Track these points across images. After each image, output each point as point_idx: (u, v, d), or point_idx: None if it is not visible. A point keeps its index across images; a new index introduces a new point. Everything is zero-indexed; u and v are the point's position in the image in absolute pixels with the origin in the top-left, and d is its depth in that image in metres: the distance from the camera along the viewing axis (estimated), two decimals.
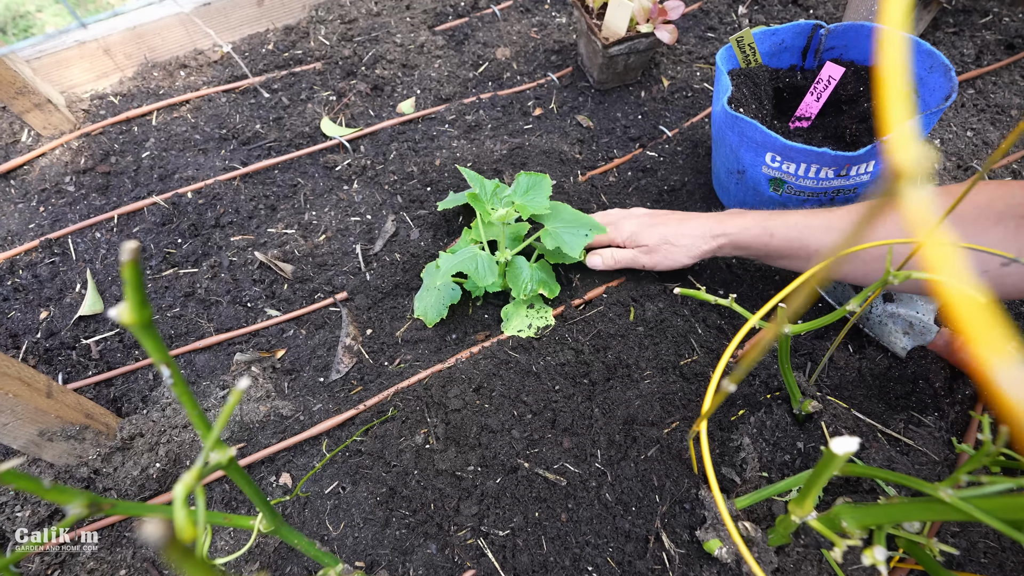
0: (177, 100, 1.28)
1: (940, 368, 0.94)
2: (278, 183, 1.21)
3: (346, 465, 0.87)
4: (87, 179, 1.18)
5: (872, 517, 0.59)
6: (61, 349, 0.99)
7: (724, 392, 0.49)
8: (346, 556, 0.80)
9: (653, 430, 0.84)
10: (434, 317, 0.99)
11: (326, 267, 1.10)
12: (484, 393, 0.92)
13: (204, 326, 1.03)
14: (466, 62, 1.43)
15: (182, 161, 1.23)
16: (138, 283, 0.35)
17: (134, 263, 0.34)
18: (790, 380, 0.85)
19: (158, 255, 1.10)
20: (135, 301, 0.36)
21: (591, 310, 1.01)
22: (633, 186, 1.22)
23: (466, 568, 0.77)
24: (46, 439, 0.77)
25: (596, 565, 0.75)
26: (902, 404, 0.92)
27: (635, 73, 1.37)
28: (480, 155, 1.23)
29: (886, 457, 0.84)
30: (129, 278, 0.35)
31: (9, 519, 0.81)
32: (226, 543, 0.83)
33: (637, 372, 0.91)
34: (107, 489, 0.85)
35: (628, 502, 0.79)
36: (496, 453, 0.84)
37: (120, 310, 0.35)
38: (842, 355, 0.97)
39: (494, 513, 0.80)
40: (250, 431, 0.91)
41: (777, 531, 0.74)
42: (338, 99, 1.34)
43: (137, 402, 0.94)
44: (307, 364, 1.00)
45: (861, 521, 0.60)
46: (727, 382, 0.49)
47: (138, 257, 0.34)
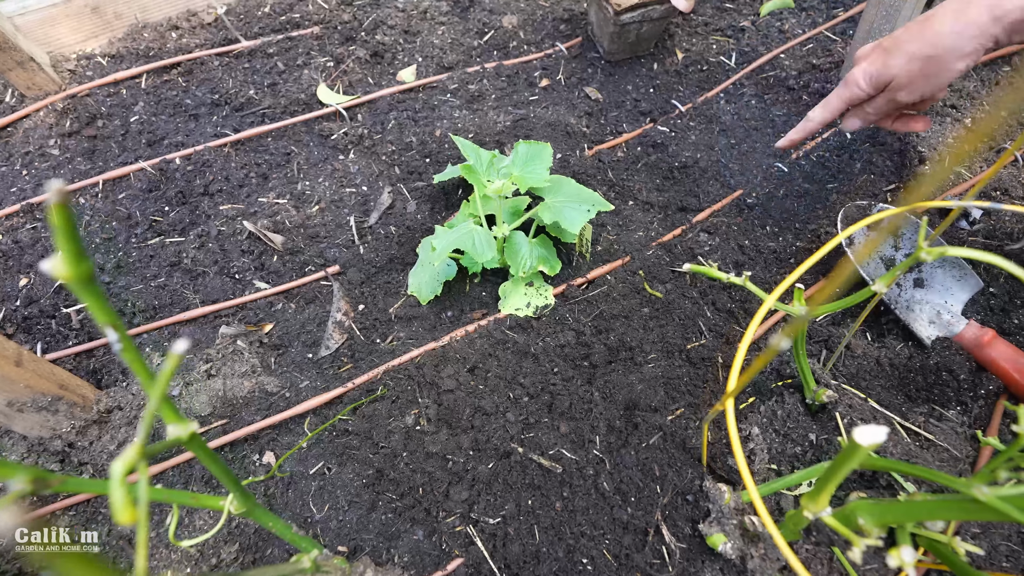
0: (168, 63, 1.23)
1: (964, 360, 0.88)
2: (271, 151, 1.16)
3: (333, 445, 0.83)
4: (72, 142, 1.13)
5: (893, 515, 0.54)
6: (41, 318, 0.95)
7: (773, 350, 0.43)
8: (329, 540, 0.76)
9: (656, 416, 0.79)
10: (428, 294, 0.94)
11: (318, 239, 1.05)
12: (479, 374, 0.87)
13: (189, 297, 0.99)
14: (471, 29, 1.36)
15: (171, 126, 1.17)
16: (71, 231, 0.30)
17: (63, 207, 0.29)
18: (804, 368, 0.80)
19: (144, 223, 1.05)
20: (70, 253, 0.31)
21: (594, 290, 0.96)
22: (642, 162, 1.16)
23: (454, 556, 0.73)
24: (15, 409, 0.73)
25: (591, 557, 0.71)
26: (923, 396, 0.87)
27: (648, 44, 1.30)
28: (482, 126, 1.17)
29: (905, 451, 0.79)
30: (60, 224, 0.30)
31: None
32: (205, 523, 0.80)
33: (641, 355, 0.86)
34: (83, 463, 0.81)
35: (627, 492, 0.74)
36: (489, 437, 0.80)
37: (54, 263, 0.31)
38: (860, 343, 0.91)
39: (485, 499, 0.75)
40: (233, 407, 0.87)
41: (787, 527, 0.69)
42: (336, 65, 1.28)
43: (117, 374, 0.90)
44: (296, 339, 0.95)
45: (881, 519, 0.54)
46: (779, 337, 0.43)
47: (67, 200, 0.29)
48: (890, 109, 0.80)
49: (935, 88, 0.74)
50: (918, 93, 0.75)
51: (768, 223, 1.07)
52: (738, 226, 1.06)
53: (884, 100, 0.79)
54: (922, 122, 0.84)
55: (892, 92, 0.77)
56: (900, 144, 1.12)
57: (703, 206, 1.09)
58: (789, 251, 1.02)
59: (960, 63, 0.70)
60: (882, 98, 0.79)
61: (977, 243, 0.99)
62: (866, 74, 0.77)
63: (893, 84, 0.75)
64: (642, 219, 1.08)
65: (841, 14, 1.35)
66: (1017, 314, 0.94)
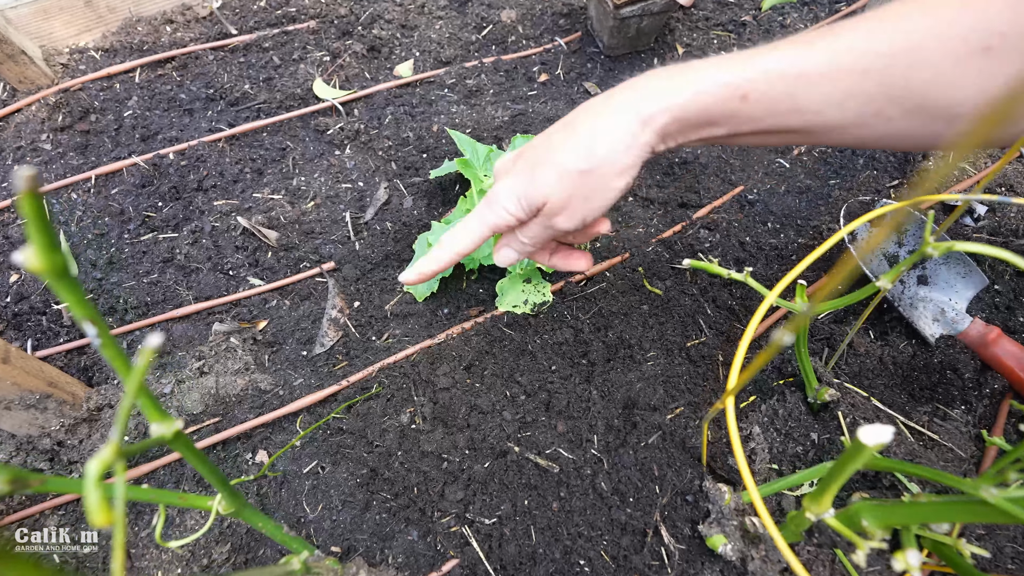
0: (162, 57, 1.21)
1: (969, 359, 0.86)
2: (266, 146, 1.14)
3: (326, 444, 0.82)
4: (65, 137, 1.12)
5: (898, 517, 0.53)
6: (31, 314, 0.94)
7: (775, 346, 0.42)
8: (322, 540, 0.75)
9: (655, 415, 0.77)
10: (424, 291, 0.93)
11: (313, 235, 1.03)
12: (475, 372, 0.86)
13: (183, 294, 0.97)
14: (469, 24, 1.35)
15: (166, 121, 1.16)
16: (43, 220, 0.29)
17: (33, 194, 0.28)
18: (806, 366, 0.79)
19: (137, 218, 1.04)
20: (42, 243, 0.29)
21: (593, 286, 0.94)
22: None
23: (449, 557, 0.72)
24: (2, 407, 0.72)
25: (589, 559, 0.70)
26: (927, 396, 0.85)
27: (648, 39, 1.29)
28: (480, 122, 1.16)
29: (909, 451, 0.78)
30: (30, 213, 0.28)
31: None
32: (197, 522, 0.78)
33: (640, 353, 0.85)
34: (72, 462, 0.80)
35: (625, 492, 0.73)
36: (485, 435, 0.79)
37: (25, 255, 0.29)
38: (863, 341, 0.90)
39: (481, 499, 0.74)
40: (226, 405, 0.86)
41: (788, 528, 0.67)
42: (332, 60, 1.26)
43: (108, 371, 0.89)
44: (290, 336, 0.94)
45: (885, 520, 0.53)
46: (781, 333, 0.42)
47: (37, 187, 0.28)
48: (548, 237, 0.62)
49: (596, 211, 0.58)
50: (578, 218, 0.58)
51: (769, 219, 1.06)
52: (739, 223, 1.05)
53: (540, 227, 0.61)
54: (584, 260, 0.70)
55: (548, 217, 0.59)
56: None
57: (704, 202, 1.08)
58: (791, 248, 1.01)
59: (619, 180, 0.56)
60: (536, 224, 0.61)
61: (982, 239, 0.98)
62: (512, 194, 0.58)
63: (547, 208, 0.58)
64: (642, 215, 1.07)
65: (844, 8, 1.33)
66: (1023, 311, 0.93)
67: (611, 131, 0.54)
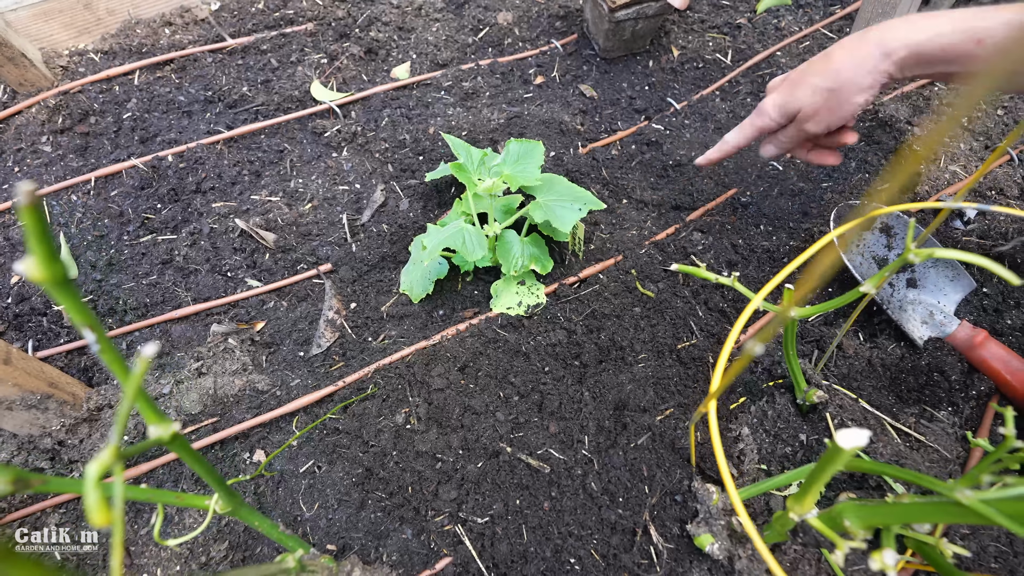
0: (161, 59, 1.22)
1: (956, 361, 0.87)
2: (264, 148, 1.15)
3: (323, 444, 0.83)
4: (65, 139, 1.13)
5: (879, 517, 0.54)
6: (32, 315, 0.95)
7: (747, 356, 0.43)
8: (318, 538, 0.76)
9: (645, 416, 0.79)
10: (420, 292, 0.94)
11: (310, 237, 1.04)
12: (469, 373, 0.87)
13: (181, 295, 0.98)
14: (465, 26, 1.36)
15: (164, 123, 1.17)
16: (43, 232, 0.30)
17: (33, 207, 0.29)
18: (795, 368, 0.80)
19: (136, 220, 1.05)
20: (42, 254, 0.31)
21: (586, 288, 0.95)
22: (636, 160, 1.16)
23: (442, 555, 0.73)
24: (4, 408, 0.73)
25: (579, 557, 0.71)
26: (914, 397, 0.86)
27: (643, 41, 1.30)
28: (476, 124, 1.17)
29: (895, 452, 0.79)
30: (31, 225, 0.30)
31: None
32: (195, 520, 0.80)
33: (631, 355, 0.86)
34: (73, 461, 0.81)
35: (615, 492, 0.74)
36: (479, 436, 0.80)
37: (27, 265, 0.30)
38: (852, 343, 0.91)
39: (473, 499, 0.75)
40: (224, 405, 0.87)
41: (774, 528, 0.69)
42: (330, 62, 1.27)
43: (108, 372, 0.90)
44: (287, 337, 0.95)
45: (866, 521, 0.54)
46: (753, 343, 0.43)
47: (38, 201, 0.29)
48: (801, 138, 0.83)
49: (840, 119, 0.77)
50: (824, 124, 0.78)
51: (762, 222, 1.07)
52: (732, 225, 1.06)
53: (794, 130, 0.82)
54: (832, 156, 0.88)
55: (800, 123, 0.80)
56: (895, 143, 1.11)
57: (697, 205, 1.09)
58: (783, 250, 1.02)
59: (859, 96, 0.73)
60: (792, 128, 0.82)
61: (971, 243, 0.99)
62: (775, 104, 0.80)
63: (800, 115, 0.78)
64: (636, 218, 1.08)
65: (838, 11, 1.34)
66: (1010, 314, 0.94)
67: (856, 59, 0.70)
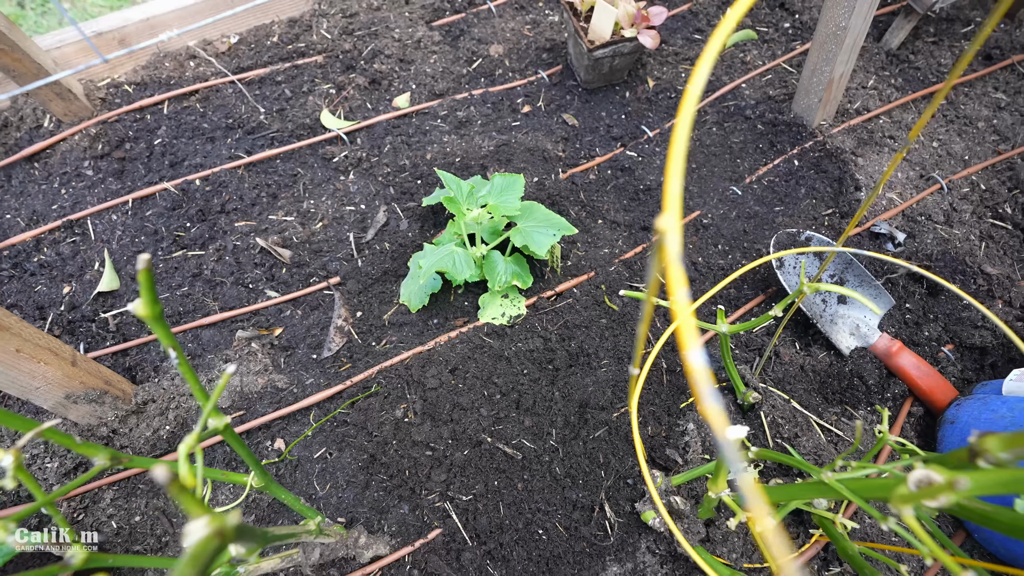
0: (187, 90, 1.36)
1: (875, 368, 1.02)
2: (280, 172, 1.30)
3: (333, 434, 0.98)
4: (104, 164, 1.27)
5: (776, 496, 0.69)
6: (82, 321, 1.10)
7: (634, 376, 0.58)
8: (330, 512, 0.91)
9: (603, 414, 0.94)
10: (417, 304, 1.09)
11: (321, 253, 1.19)
12: (459, 374, 1.02)
13: (209, 304, 1.13)
14: (460, 58, 1.49)
15: (191, 148, 1.32)
16: (150, 285, 0.45)
17: (147, 271, 0.44)
18: (733, 374, 0.94)
19: (168, 237, 1.20)
20: (148, 299, 0.46)
21: (561, 301, 1.10)
22: (611, 184, 1.30)
23: (433, 527, 0.88)
24: (71, 401, 0.88)
25: (546, 529, 0.86)
26: (838, 399, 1.01)
27: (621, 73, 1.43)
28: (468, 151, 1.31)
29: (815, 445, 0.94)
30: (143, 282, 0.44)
31: (40, 469, 0.93)
32: (227, 497, 0.95)
33: (596, 361, 1.00)
34: (123, 447, 0.96)
35: (576, 476, 0.89)
36: (465, 428, 0.95)
37: (136, 305, 0.45)
38: (789, 351, 1.05)
39: (460, 481, 0.90)
40: (249, 400, 1.02)
41: (704, 506, 0.84)
42: (337, 92, 1.41)
43: (149, 371, 1.05)
44: (302, 342, 1.10)
45: (770, 498, 0.70)
46: (632, 367, 0.58)
47: (150, 267, 0.44)
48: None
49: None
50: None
51: (720, 242, 1.21)
52: (694, 244, 1.20)
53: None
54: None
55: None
56: (840, 172, 1.25)
57: None
58: (735, 268, 1.16)
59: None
60: None
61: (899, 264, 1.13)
62: None
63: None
64: (609, 237, 1.22)
65: (799, 47, 1.48)
66: (928, 327, 1.08)
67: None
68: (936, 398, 0.98)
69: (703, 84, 0.38)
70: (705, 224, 1.23)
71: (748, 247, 1.19)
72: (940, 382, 0.98)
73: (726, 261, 1.18)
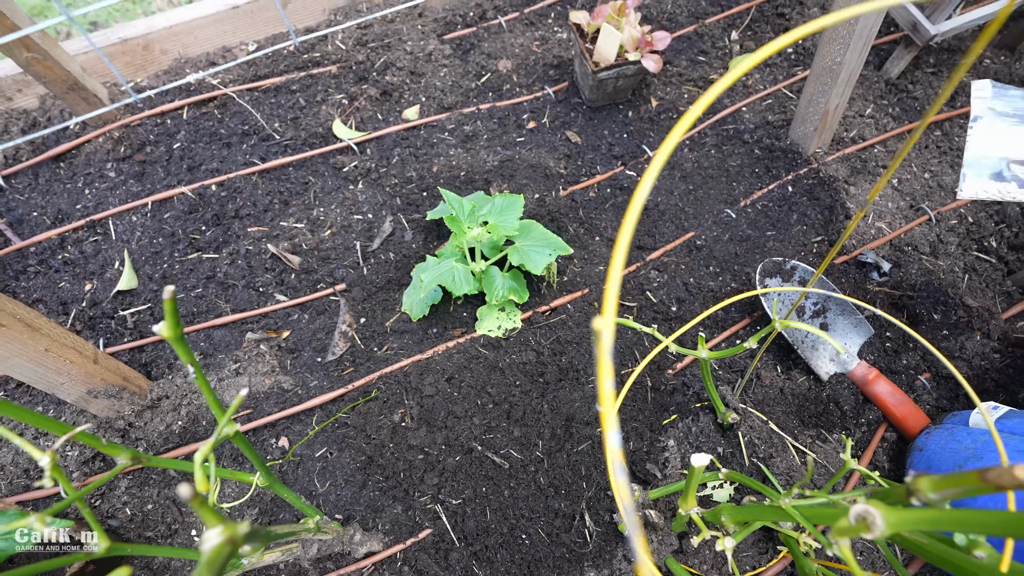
0: (205, 97, 1.42)
1: (852, 395, 1.06)
2: (292, 180, 1.35)
3: (334, 435, 1.04)
4: (126, 166, 1.34)
5: (741, 515, 0.75)
6: (102, 318, 1.17)
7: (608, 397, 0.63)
8: (328, 509, 0.97)
9: (587, 428, 0.99)
10: (418, 313, 1.14)
11: (329, 260, 1.25)
12: (455, 383, 1.07)
13: (222, 306, 1.19)
14: (470, 72, 1.54)
15: (208, 153, 1.37)
16: (174, 311, 0.51)
17: (172, 300, 0.50)
18: (713, 395, 0.99)
19: (184, 240, 1.26)
20: (171, 323, 0.51)
21: (555, 317, 1.15)
22: (610, 203, 1.34)
23: (424, 527, 0.94)
24: (92, 396, 0.94)
25: (529, 534, 0.92)
26: (814, 422, 1.06)
27: (625, 93, 1.47)
28: (473, 165, 1.36)
29: (788, 466, 0.99)
30: (168, 309, 0.50)
31: (63, 457, 1.00)
32: (232, 491, 1.01)
33: (584, 376, 1.06)
34: (138, 439, 1.03)
35: (559, 486, 0.94)
36: (458, 436, 1.01)
37: (160, 327, 0.51)
38: (770, 375, 1.10)
39: (451, 485, 0.96)
40: (256, 400, 1.09)
41: (677, 521, 0.89)
42: (350, 102, 1.47)
43: (164, 368, 1.12)
44: (307, 345, 1.16)
45: (735, 518, 0.75)
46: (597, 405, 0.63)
47: (174, 296, 0.49)
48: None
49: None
50: None
51: (712, 264, 1.25)
52: (686, 265, 1.25)
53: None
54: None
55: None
56: (831, 200, 1.29)
57: (658, 245, 1.28)
58: (725, 290, 1.21)
59: None
60: None
61: (882, 293, 1.17)
62: None
63: None
64: (605, 255, 1.27)
65: (800, 73, 1.51)
66: (906, 355, 1.12)
67: None
68: (909, 425, 1.02)
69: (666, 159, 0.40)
70: (699, 245, 1.28)
71: (739, 270, 1.24)
72: (913, 410, 1.03)
73: (716, 283, 1.22)
